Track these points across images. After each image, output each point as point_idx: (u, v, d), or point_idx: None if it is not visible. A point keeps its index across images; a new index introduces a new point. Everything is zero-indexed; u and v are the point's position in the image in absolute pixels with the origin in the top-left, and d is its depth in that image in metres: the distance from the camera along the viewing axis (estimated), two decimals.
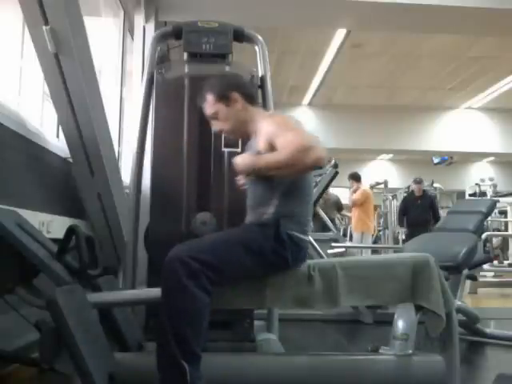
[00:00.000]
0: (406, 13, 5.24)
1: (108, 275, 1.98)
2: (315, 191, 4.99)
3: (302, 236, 1.77)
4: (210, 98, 1.91)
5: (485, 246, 6.59)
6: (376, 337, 3.35)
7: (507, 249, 9.85)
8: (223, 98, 1.90)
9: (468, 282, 5.28)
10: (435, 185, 8.43)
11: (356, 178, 7.05)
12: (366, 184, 7.19)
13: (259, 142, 1.79)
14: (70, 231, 1.72)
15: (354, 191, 7.09)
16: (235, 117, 1.90)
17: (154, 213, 2.44)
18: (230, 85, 1.94)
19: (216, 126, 1.95)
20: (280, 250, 1.70)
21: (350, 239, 7.80)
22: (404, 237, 8.31)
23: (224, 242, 1.71)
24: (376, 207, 11.32)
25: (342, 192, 8.00)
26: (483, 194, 9.74)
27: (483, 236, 5.57)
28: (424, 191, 7.47)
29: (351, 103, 10.39)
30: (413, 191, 7.54)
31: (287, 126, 1.75)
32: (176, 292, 1.56)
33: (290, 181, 1.77)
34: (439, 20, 5.39)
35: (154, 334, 1.61)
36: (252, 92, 1.99)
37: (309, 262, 1.80)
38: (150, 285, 2.16)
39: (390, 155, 14.89)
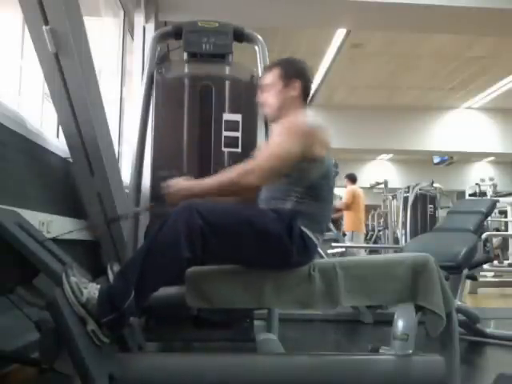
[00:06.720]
0: (406, 13, 5.25)
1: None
2: None
3: (313, 236, 1.76)
4: (276, 71, 1.95)
5: (485, 245, 6.56)
6: (376, 337, 3.36)
7: (507, 249, 9.85)
8: (287, 78, 1.93)
9: (468, 282, 5.29)
10: (435, 185, 8.40)
11: (351, 178, 6.96)
12: (356, 185, 7.10)
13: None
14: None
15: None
16: (283, 100, 1.93)
17: (154, 213, 2.44)
18: (300, 74, 1.96)
19: (261, 97, 1.99)
20: (286, 241, 1.67)
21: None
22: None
23: (235, 211, 1.71)
24: (376, 207, 11.35)
25: (340, 192, 7.99)
26: (483, 194, 9.73)
27: (483, 236, 5.57)
28: None
29: (351, 103, 10.39)
30: None
31: (280, 135, 1.79)
32: (167, 234, 1.57)
33: (310, 180, 1.78)
34: (439, 20, 5.39)
35: (155, 334, 1.61)
36: (309, 93, 1.99)
37: None
38: None
39: (390, 155, 14.90)
